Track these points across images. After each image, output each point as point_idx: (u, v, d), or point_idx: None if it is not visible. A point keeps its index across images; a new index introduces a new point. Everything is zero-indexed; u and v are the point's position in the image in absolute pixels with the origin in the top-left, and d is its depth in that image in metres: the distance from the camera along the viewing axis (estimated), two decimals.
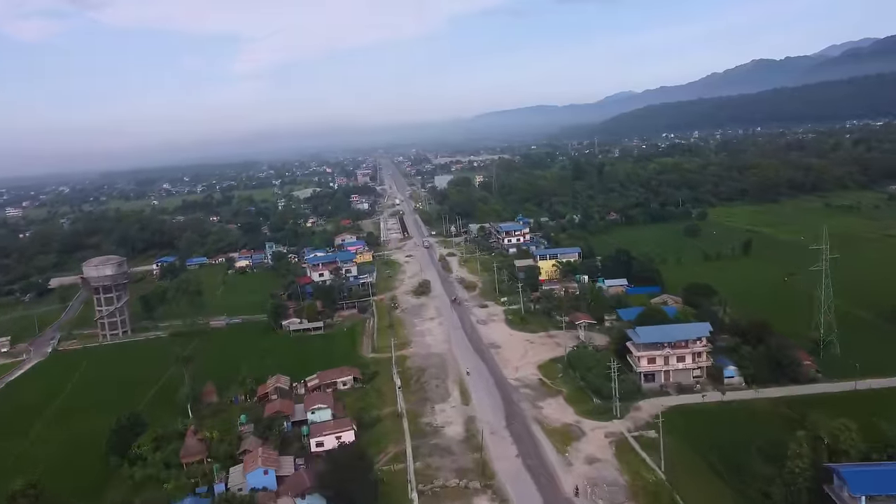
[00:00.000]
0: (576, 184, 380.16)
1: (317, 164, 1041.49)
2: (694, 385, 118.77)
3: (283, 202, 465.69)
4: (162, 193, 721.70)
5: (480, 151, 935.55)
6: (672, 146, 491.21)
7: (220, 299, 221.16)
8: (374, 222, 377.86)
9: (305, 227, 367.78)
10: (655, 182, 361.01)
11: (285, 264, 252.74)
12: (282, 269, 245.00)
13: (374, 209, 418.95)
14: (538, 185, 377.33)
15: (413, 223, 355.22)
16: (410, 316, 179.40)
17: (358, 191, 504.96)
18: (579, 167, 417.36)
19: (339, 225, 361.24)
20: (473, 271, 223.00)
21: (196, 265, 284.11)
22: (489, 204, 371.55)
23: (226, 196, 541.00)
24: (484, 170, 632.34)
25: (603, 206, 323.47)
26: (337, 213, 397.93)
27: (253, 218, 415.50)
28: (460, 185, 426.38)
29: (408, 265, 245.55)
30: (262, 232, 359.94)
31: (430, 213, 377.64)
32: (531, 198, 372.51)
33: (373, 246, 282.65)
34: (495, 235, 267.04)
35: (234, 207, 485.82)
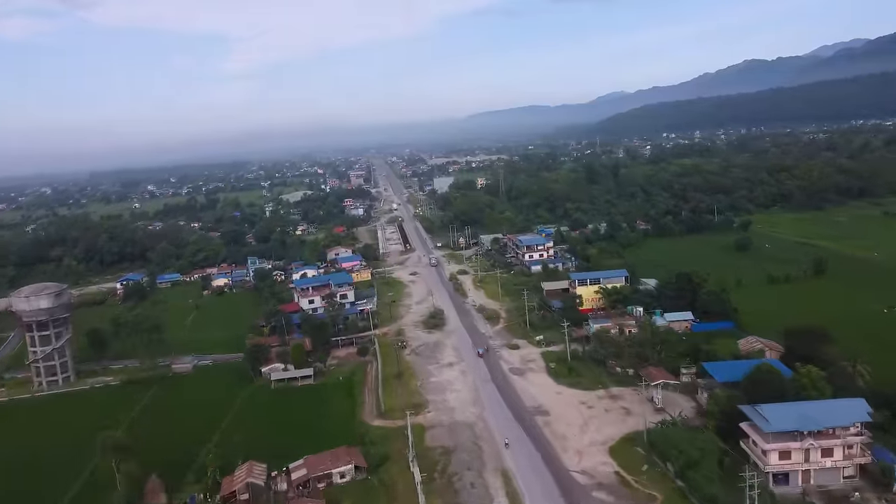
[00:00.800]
0: (591, 188, 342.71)
1: (308, 164, 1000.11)
2: (850, 493, 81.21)
3: (270, 207, 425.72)
4: (145, 196, 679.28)
5: (477, 152, 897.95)
6: (688, 146, 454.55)
7: (190, 330, 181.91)
8: (370, 230, 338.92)
9: (295, 235, 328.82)
10: (679, 186, 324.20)
11: (269, 284, 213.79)
12: (265, 291, 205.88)
13: (369, 215, 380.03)
14: (550, 189, 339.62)
15: (414, 232, 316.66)
16: (423, 360, 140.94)
17: (351, 194, 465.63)
18: (592, 169, 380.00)
19: (332, 233, 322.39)
20: (493, 295, 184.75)
21: (168, 283, 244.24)
22: (497, 209, 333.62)
23: (210, 199, 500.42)
24: (484, 171, 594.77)
25: (627, 213, 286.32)
26: (329, 220, 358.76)
27: (237, 225, 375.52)
28: (463, 188, 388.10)
29: (413, 286, 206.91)
30: (246, 241, 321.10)
31: (432, 219, 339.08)
32: (542, 203, 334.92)
33: (370, 260, 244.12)
34: (513, 249, 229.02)
35: (218, 212, 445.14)
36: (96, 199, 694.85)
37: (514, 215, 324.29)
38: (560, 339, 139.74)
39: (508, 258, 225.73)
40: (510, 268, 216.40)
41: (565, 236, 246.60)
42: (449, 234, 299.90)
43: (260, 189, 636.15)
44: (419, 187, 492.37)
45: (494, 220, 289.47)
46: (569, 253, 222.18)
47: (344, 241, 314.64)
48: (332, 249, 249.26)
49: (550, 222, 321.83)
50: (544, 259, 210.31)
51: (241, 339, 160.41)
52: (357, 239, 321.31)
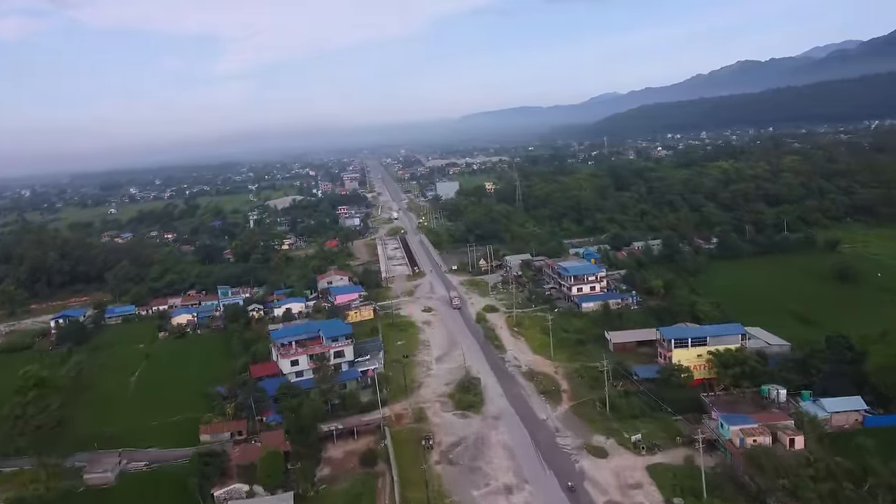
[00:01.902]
0: (622, 195, 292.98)
1: (300, 166, 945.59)
2: None
3: (255, 215, 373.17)
4: (125, 199, 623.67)
5: (475, 153, 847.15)
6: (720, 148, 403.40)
7: (131, 401, 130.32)
8: (368, 244, 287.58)
9: (280, 250, 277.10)
10: (726, 194, 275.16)
11: (242, 327, 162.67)
12: (237, 336, 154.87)
13: (366, 225, 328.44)
14: (575, 197, 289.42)
15: (420, 248, 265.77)
16: (463, 477, 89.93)
17: (345, 200, 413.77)
18: (617, 173, 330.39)
19: (324, 249, 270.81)
20: (541, 349, 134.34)
21: (119, 318, 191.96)
22: (515, 221, 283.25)
23: (190, 205, 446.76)
24: (488, 174, 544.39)
25: (674, 227, 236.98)
26: (321, 232, 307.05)
27: (216, 237, 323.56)
28: (473, 194, 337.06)
29: (430, 329, 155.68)
30: (223, 257, 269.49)
31: (440, 232, 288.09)
32: (567, 212, 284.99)
33: (372, 289, 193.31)
34: (552, 278, 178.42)
35: (196, 220, 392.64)
36: (73, 203, 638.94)
37: (538, 228, 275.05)
38: (662, 432, 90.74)
39: (547, 290, 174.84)
40: (551, 303, 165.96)
41: (611, 258, 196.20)
42: (463, 251, 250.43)
43: (247, 193, 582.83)
44: (419, 192, 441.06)
45: (517, 236, 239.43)
46: (624, 282, 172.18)
47: (338, 258, 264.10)
48: (325, 276, 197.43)
49: (577, 235, 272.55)
50: (598, 294, 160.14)
51: (194, 424, 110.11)
52: (353, 256, 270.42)
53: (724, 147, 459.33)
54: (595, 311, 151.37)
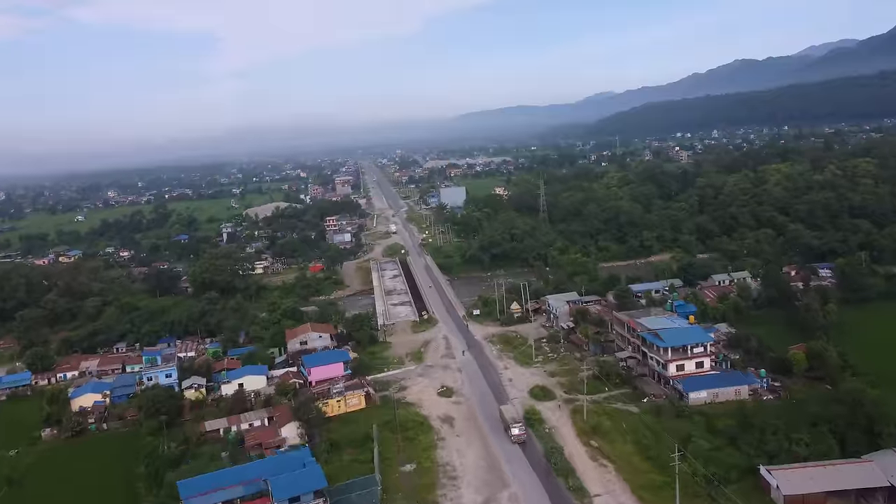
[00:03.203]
0: (669, 206, 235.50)
1: (291, 166, 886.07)
2: None
3: (229, 228, 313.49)
4: (98, 204, 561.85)
5: (476, 153, 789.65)
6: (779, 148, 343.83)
7: None
8: (361, 267, 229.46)
9: (252, 276, 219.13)
10: (801, 205, 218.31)
11: (165, 422, 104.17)
12: (149, 448, 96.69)
13: (359, 241, 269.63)
14: (613, 208, 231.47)
15: (425, 273, 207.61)
16: None
17: (336, 208, 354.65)
18: (656, 179, 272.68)
19: (305, 276, 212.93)
20: (647, 488, 76.83)
21: (5, 392, 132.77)
22: (540, 237, 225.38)
23: (160, 214, 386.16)
24: (494, 177, 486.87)
25: (757, 252, 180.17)
26: (304, 252, 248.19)
27: (178, 256, 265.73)
28: (486, 204, 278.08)
29: (452, 438, 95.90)
30: (179, 287, 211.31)
31: (449, 252, 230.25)
32: (604, 228, 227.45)
33: (364, 349, 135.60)
34: (629, 340, 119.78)
35: (164, 231, 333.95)
36: (43, 209, 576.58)
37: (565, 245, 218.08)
38: None
39: (622, 359, 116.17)
40: (632, 382, 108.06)
41: (703, 305, 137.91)
42: (478, 277, 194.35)
43: (231, 197, 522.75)
44: (420, 198, 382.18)
45: (555, 263, 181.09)
46: (732, 347, 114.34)
47: (323, 287, 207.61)
48: (298, 333, 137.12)
49: (619, 258, 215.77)
50: (710, 374, 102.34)
51: None
52: (342, 283, 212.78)
53: (766, 147, 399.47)
54: (710, 407, 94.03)
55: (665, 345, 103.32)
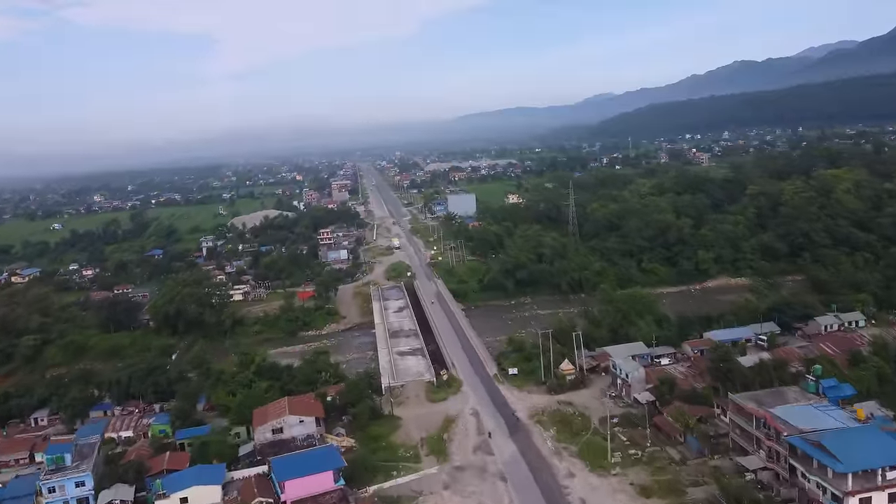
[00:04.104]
0: (723, 220, 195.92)
1: (288, 168, 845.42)
2: None
3: (209, 241, 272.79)
4: (81, 210, 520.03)
5: (478, 155, 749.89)
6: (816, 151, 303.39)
7: None
8: (359, 292, 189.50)
9: (231, 304, 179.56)
10: (886, 220, 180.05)
11: None
12: None
13: (357, 258, 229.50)
14: (657, 223, 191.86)
15: (438, 304, 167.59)
16: None
17: (332, 217, 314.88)
18: (698, 187, 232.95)
19: (292, 306, 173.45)
20: None
21: None
22: (572, 257, 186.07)
23: (138, 223, 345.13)
24: (502, 181, 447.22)
25: (859, 284, 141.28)
26: (292, 271, 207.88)
27: (147, 273, 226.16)
28: (504, 216, 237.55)
29: None
30: (141, 318, 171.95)
31: (463, 275, 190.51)
32: (647, 245, 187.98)
33: (363, 425, 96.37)
34: (755, 436, 79.62)
35: (140, 242, 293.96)
36: (22, 215, 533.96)
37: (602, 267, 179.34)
38: None
39: (753, 472, 76.26)
40: None
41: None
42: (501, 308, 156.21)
43: (221, 202, 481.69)
44: (424, 205, 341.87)
45: (605, 297, 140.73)
46: None
47: (314, 319, 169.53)
48: (271, 415, 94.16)
49: (671, 282, 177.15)
50: None
51: None
52: (337, 314, 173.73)
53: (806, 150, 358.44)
54: None
55: (843, 469, 63.73)
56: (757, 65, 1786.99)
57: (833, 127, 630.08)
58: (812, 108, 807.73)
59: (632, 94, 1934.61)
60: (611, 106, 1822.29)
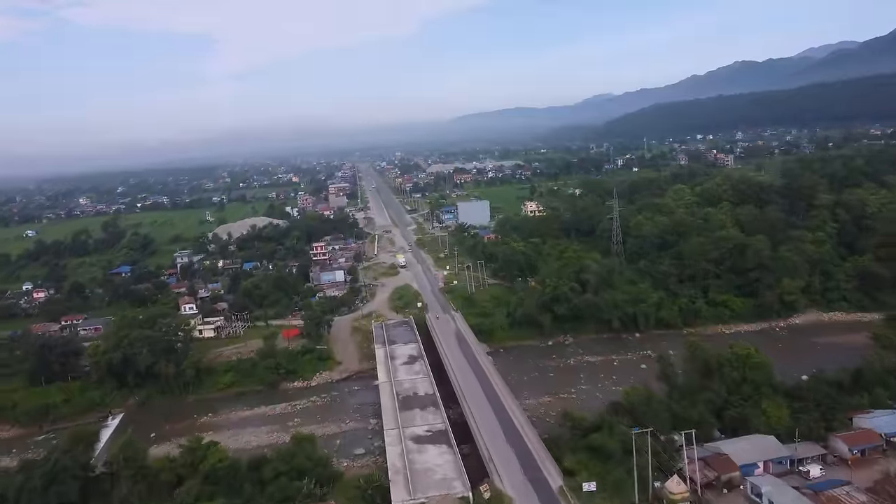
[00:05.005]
0: (801, 238, 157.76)
1: (285, 170, 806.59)
2: None
3: (184, 257, 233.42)
4: (62, 214, 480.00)
5: (482, 156, 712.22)
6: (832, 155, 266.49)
7: None
8: (358, 327, 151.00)
9: (196, 347, 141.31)
10: None
11: None
12: None
13: (355, 280, 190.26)
14: (725, 241, 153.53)
15: (457, 347, 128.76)
16: None
17: (328, 226, 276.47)
18: (753, 196, 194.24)
19: (274, 347, 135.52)
20: None
21: None
22: (618, 283, 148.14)
23: (111, 233, 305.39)
24: (510, 184, 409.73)
25: None
26: (278, 297, 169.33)
27: (108, 296, 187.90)
28: (527, 229, 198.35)
29: None
30: (81, 366, 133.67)
31: (485, 305, 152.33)
32: (714, 271, 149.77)
33: None
34: None
35: (110, 255, 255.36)
36: None
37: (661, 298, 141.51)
38: None
39: None
40: None
41: None
42: (545, 358, 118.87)
43: (210, 206, 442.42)
44: (430, 212, 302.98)
45: (694, 353, 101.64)
46: None
47: (301, 367, 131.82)
48: None
49: (747, 317, 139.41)
50: None
51: None
52: (331, 358, 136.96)
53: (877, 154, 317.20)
54: None
55: None
56: (758, 65, 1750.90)
57: (849, 127, 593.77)
58: (824, 107, 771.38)
59: (632, 95, 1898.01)
60: (610, 106, 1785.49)
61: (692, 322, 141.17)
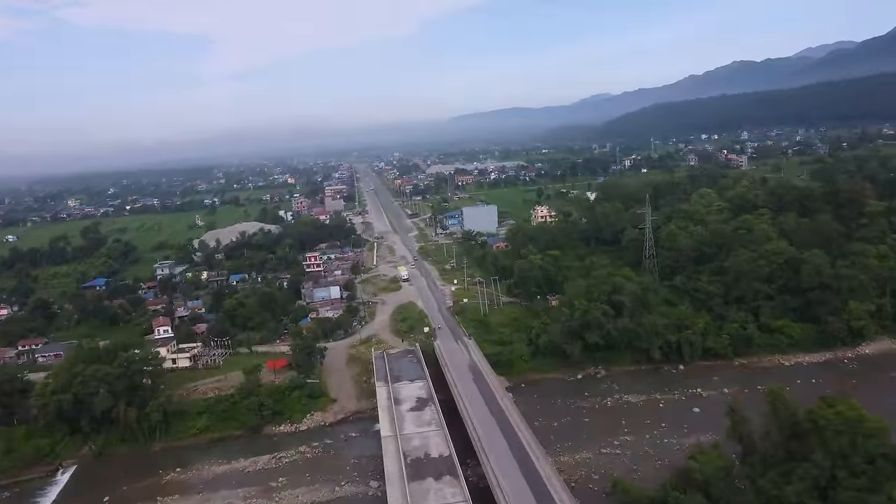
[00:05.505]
0: (864, 251, 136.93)
1: (281, 170, 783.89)
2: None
3: (165, 269, 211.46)
4: (47, 217, 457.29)
5: (482, 157, 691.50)
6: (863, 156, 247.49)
7: None
8: (354, 355, 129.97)
9: (170, 382, 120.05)
10: None
11: None
12: None
13: (352, 297, 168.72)
14: (776, 254, 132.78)
15: (471, 384, 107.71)
16: None
17: (324, 232, 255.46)
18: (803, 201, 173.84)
19: (258, 383, 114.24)
20: None
21: None
22: (657, 307, 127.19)
23: (91, 239, 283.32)
24: (512, 185, 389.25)
25: None
26: (265, 318, 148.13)
27: (76, 314, 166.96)
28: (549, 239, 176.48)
29: None
30: (26, 412, 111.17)
31: (504, 330, 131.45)
32: (768, 291, 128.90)
33: None
34: None
35: (84, 266, 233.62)
36: None
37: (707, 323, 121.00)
38: None
39: None
40: None
41: None
42: (575, 396, 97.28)
43: (201, 209, 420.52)
44: (432, 217, 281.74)
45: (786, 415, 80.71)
46: None
47: (288, 406, 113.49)
48: None
49: (806, 346, 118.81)
50: None
51: None
52: (321, 396, 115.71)
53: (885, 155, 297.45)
54: None
55: None
56: (756, 65, 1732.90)
57: (856, 126, 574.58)
58: (828, 106, 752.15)
59: (629, 95, 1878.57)
60: (608, 106, 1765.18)
61: (744, 351, 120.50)
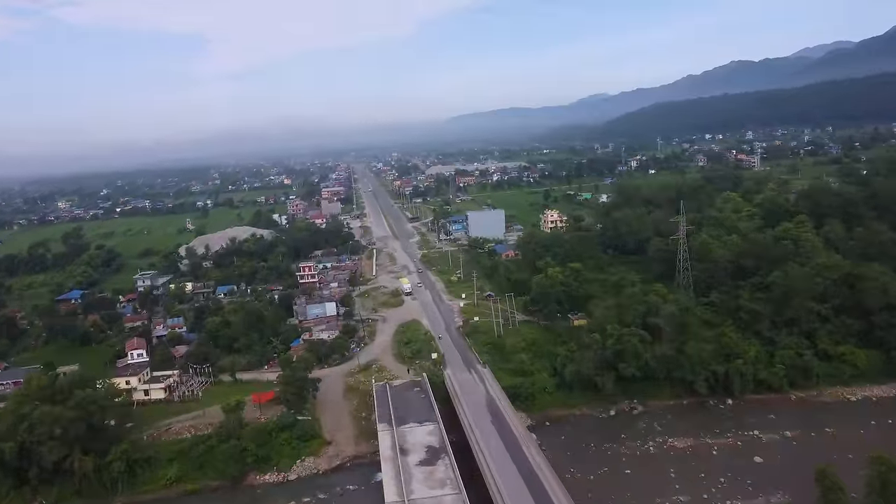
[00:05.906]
0: None
1: (278, 171, 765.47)
2: None
3: (146, 280, 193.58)
4: (34, 220, 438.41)
5: (483, 157, 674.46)
6: None
7: None
8: (353, 386, 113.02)
9: (140, 421, 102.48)
10: None
11: None
12: None
13: (350, 313, 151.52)
14: (830, 269, 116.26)
15: (489, 425, 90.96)
16: None
17: (319, 237, 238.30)
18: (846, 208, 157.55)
19: (241, 421, 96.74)
20: None
21: None
22: (698, 331, 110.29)
23: (73, 245, 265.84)
24: (516, 186, 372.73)
25: None
26: (252, 340, 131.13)
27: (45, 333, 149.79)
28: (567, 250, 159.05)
29: None
30: None
31: (524, 356, 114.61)
32: (824, 312, 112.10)
33: None
34: None
35: (63, 275, 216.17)
36: None
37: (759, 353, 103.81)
38: None
39: None
40: None
41: None
42: (611, 441, 79.00)
43: (193, 211, 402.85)
44: (435, 222, 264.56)
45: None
46: None
47: (275, 451, 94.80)
48: None
49: (873, 376, 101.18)
50: None
51: None
52: (314, 436, 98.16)
53: None
54: None
55: None
56: (754, 65, 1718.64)
57: (861, 125, 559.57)
58: (832, 105, 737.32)
59: (627, 95, 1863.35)
60: (606, 106, 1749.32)
61: (800, 383, 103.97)
